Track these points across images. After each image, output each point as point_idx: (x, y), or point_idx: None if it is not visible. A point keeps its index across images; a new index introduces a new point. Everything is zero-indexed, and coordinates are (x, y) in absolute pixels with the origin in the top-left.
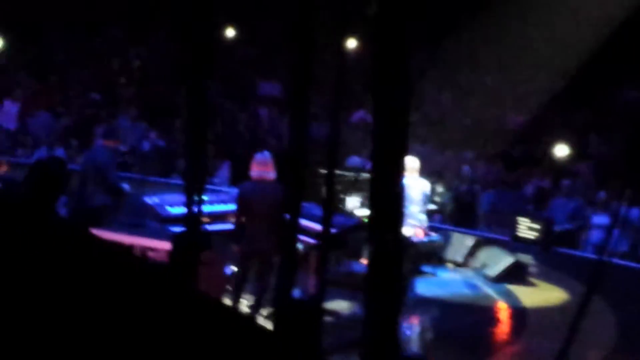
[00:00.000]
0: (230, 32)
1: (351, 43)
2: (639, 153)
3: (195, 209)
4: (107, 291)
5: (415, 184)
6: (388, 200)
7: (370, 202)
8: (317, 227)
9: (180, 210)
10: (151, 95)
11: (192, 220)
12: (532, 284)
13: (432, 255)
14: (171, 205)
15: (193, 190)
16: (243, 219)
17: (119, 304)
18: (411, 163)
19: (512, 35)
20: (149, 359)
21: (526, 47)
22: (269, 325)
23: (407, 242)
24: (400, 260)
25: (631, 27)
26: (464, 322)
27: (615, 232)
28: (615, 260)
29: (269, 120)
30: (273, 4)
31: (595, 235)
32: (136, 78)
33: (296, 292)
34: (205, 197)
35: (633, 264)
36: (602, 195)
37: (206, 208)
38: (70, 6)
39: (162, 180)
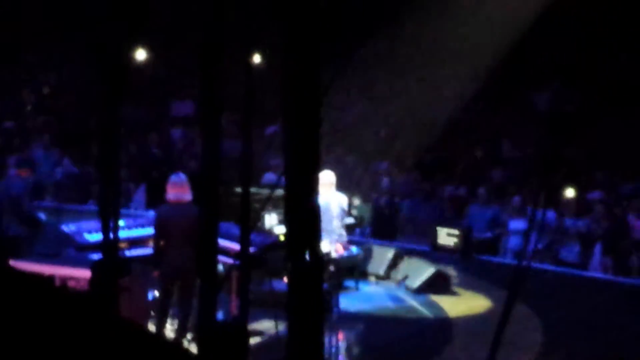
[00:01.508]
0: (140, 54)
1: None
2: (551, 157)
3: (112, 235)
4: (29, 322)
5: (332, 199)
6: (303, 216)
7: (285, 219)
8: (236, 246)
9: (98, 237)
10: (64, 122)
11: (109, 246)
12: (455, 293)
13: (354, 269)
14: (89, 232)
15: (108, 216)
16: (162, 243)
17: (42, 335)
18: (327, 177)
19: (422, 43)
20: None
21: (435, 54)
22: (194, 349)
23: (326, 257)
24: (320, 276)
25: (540, 31)
26: (389, 335)
27: (533, 236)
28: (535, 265)
29: (185, 140)
30: (182, 25)
31: (512, 241)
32: (47, 105)
33: (219, 314)
34: (121, 222)
35: (551, 267)
36: (516, 200)
37: (124, 233)
38: None
39: (79, 207)
